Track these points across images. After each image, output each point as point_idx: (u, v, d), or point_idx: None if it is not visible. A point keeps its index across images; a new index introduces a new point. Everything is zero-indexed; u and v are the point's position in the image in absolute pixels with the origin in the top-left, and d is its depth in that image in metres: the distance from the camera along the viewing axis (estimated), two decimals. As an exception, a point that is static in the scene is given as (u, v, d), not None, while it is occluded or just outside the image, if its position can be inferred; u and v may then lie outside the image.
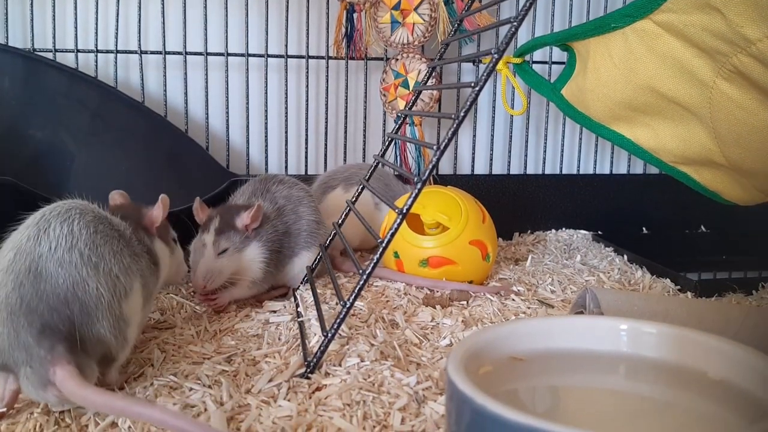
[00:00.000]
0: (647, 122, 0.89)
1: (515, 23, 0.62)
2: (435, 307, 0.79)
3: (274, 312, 0.78)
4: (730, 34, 0.70)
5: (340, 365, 0.62)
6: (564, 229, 1.25)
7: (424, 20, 1.12)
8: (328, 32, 1.18)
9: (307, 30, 1.16)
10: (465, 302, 0.82)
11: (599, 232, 1.22)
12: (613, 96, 0.89)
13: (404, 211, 0.63)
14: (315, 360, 0.61)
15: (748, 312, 0.70)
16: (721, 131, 0.80)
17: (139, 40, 1.13)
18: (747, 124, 0.77)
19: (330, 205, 1.00)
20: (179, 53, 1.14)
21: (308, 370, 0.61)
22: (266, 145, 1.18)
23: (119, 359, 0.58)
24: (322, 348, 0.61)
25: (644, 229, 1.26)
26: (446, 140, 0.64)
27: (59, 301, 0.53)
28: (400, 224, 0.63)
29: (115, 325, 0.55)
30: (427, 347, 0.68)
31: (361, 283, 0.62)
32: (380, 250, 0.63)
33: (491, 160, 1.25)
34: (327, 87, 1.18)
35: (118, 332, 0.56)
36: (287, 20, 1.15)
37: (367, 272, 0.62)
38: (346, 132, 1.20)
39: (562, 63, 0.97)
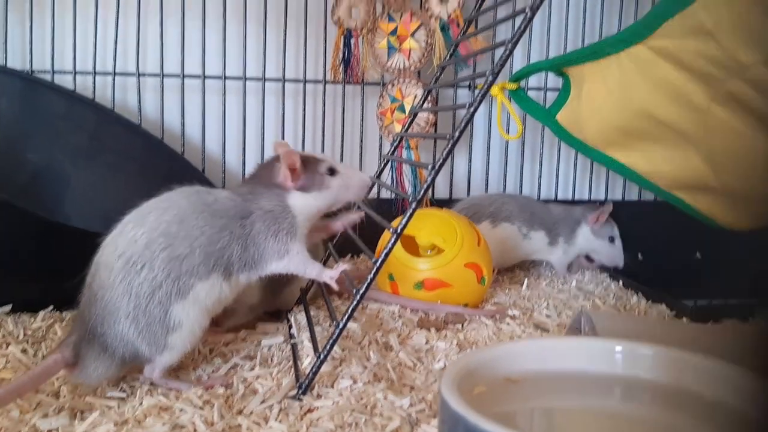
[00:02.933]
0: (642, 147, 0.89)
1: (509, 46, 0.62)
2: (430, 330, 0.79)
3: (267, 334, 0.77)
4: (724, 59, 0.71)
5: (332, 387, 0.61)
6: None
7: (420, 46, 1.13)
8: (325, 57, 1.19)
9: (305, 54, 1.17)
10: (460, 325, 0.81)
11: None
12: (608, 121, 0.90)
13: (398, 231, 0.63)
14: (307, 381, 0.60)
15: (743, 333, 0.69)
16: (715, 156, 0.81)
17: (138, 63, 1.14)
18: (741, 149, 0.78)
19: None
20: (177, 76, 1.14)
21: (300, 391, 0.60)
22: (262, 168, 1.18)
23: (155, 361, 0.61)
24: (314, 369, 0.60)
25: (639, 254, 1.25)
26: (441, 160, 0.64)
27: (91, 295, 0.60)
28: (394, 244, 0.63)
29: (143, 327, 0.59)
30: (421, 370, 0.67)
31: (355, 302, 0.61)
32: (374, 269, 0.63)
33: (487, 184, 1.26)
34: (324, 111, 1.19)
35: (150, 335, 0.60)
36: (285, 44, 1.16)
37: (361, 292, 0.62)
38: (342, 155, 1.20)
39: (557, 89, 0.97)
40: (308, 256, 0.68)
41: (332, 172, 0.70)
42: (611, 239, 1.07)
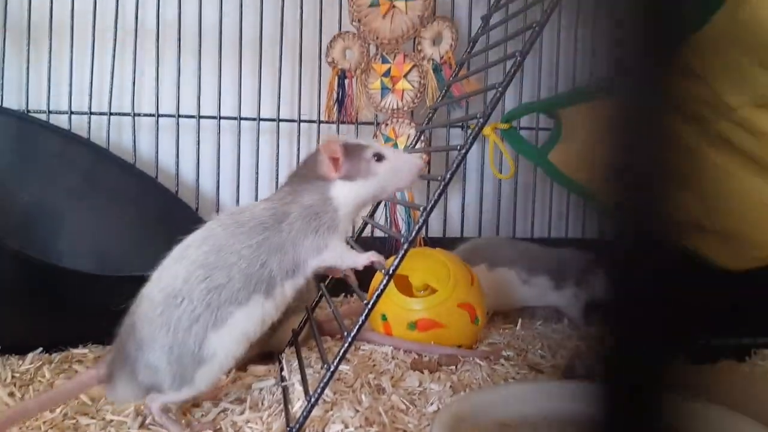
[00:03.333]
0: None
1: (500, 89, 0.63)
2: (423, 372, 0.78)
3: (258, 376, 0.76)
4: (713, 101, 0.72)
5: (323, 432, 0.60)
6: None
7: (413, 87, 1.14)
8: (320, 97, 1.20)
9: (300, 94, 1.19)
10: (454, 367, 0.80)
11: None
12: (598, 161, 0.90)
13: (390, 271, 0.63)
14: (297, 426, 0.59)
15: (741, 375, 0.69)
16: (708, 197, 0.81)
17: (133, 103, 1.14)
18: (734, 190, 0.78)
19: None
20: (172, 116, 1.15)
21: (290, 436, 0.59)
22: (256, 207, 1.18)
23: (167, 395, 0.61)
24: (304, 413, 0.59)
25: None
26: (432, 202, 0.64)
27: (132, 323, 0.62)
28: (386, 285, 0.63)
29: (175, 359, 0.60)
30: (414, 413, 0.66)
31: (346, 345, 0.61)
32: (366, 311, 0.62)
33: (480, 222, 1.26)
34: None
35: (179, 367, 0.60)
36: (280, 85, 1.17)
37: (352, 334, 0.61)
38: (336, 194, 1.20)
39: (549, 129, 0.98)
40: (345, 247, 0.65)
41: (379, 157, 0.65)
42: None
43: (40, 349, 0.79)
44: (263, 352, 0.83)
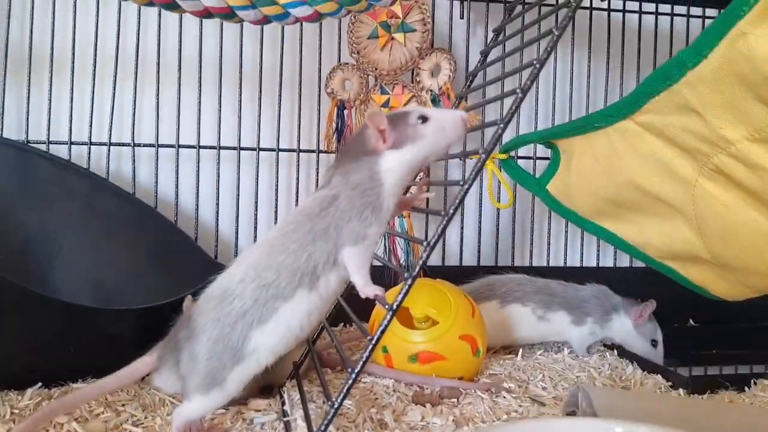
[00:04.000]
0: (632, 218, 0.90)
1: (501, 125, 0.64)
2: (425, 405, 0.77)
3: (259, 411, 0.75)
4: (710, 135, 0.73)
5: (327, 469, 0.60)
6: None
7: (412, 117, 1.15)
8: (319, 127, 1.21)
9: (299, 125, 1.19)
10: (455, 400, 0.80)
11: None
12: (597, 192, 0.91)
13: (394, 307, 0.63)
14: (301, 463, 0.59)
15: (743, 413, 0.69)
16: (705, 228, 0.82)
17: (133, 133, 1.15)
18: (731, 222, 0.79)
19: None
20: (172, 146, 1.16)
21: (294, 474, 0.58)
22: (255, 237, 1.18)
23: (193, 400, 0.63)
24: (308, 451, 0.59)
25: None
26: (435, 237, 0.64)
27: (188, 316, 0.66)
28: (390, 321, 0.63)
29: (216, 354, 0.63)
30: (418, 449, 0.66)
31: (350, 382, 0.61)
32: (370, 347, 0.62)
33: (479, 251, 1.26)
34: (317, 180, 1.20)
35: (217, 362, 0.62)
36: (279, 115, 1.18)
37: (356, 371, 0.61)
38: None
39: (547, 158, 0.99)
40: (368, 260, 0.65)
41: (424, 119, 0.65)
42: (654, 343, 1.03)
43: (39, 384, 0.79)
44: (264, 385, 0.83)
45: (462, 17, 1.25)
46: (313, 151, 1.21)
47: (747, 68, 0.65)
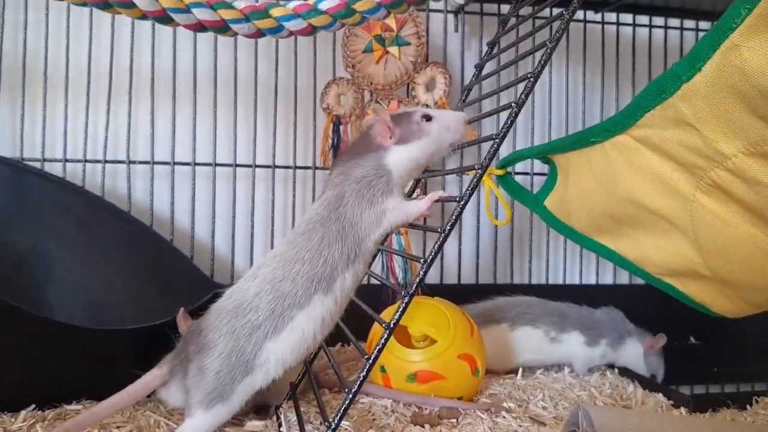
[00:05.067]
0: (630, 234, 0.89)
1: (497, 140, 0.63)
2: (424, 426, 0.76)
3: (256, 431, 0.74)
4: (706, 149, 0.72)
5: (324, 493, 0.59)
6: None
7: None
8: (315, 143, 1.20)
9: (294, 140, 1.19)
10: (455, 420, 0.79)
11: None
12: (595, 207, 0.90)
13: (391, 325, 0.62)
14: (297, 487, 0.57)
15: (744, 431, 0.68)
16: (704, 244, 0.81)
17: (128, 150, 1.14)
18: (729, 237, 0.78)
19: (485, 339, 0.94)
20: (167, 163, 1.15)
21: (290, 498, 0.57)
22: (251, 255, 1.17)
23: (191, 414, 0.64)
24: (305, 474, 0.58)
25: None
26: (432, 254, 0.64)
27: (197, 330, 0.67)
28: (387, 339, 0.62)
29: (227, 368, 0.63)
30: (416, 471, 0.65)
31: (347, 402, 0.59)
32: (367, 366, 0.61)
33: (477, 269, 1.25)
34: (314, 196, 1.19)
35: (227, 376, 0.63)
36: (275, 131, 1.18)
37: (353, 391, 0.60)
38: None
39: (544, 174, 0.99)
40: (403, 201, 0.66)
41: (428, 118, 0.69)
42: (654, 378, 1.03)
43: (33, 406, 0.77)
44: (260, 405, 0.81)
45: (456, 30, 1.25)
46: (309, 168, 1.20)
47: (740, 81, 0.64)
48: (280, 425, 0.74)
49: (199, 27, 0.77)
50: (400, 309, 0.63)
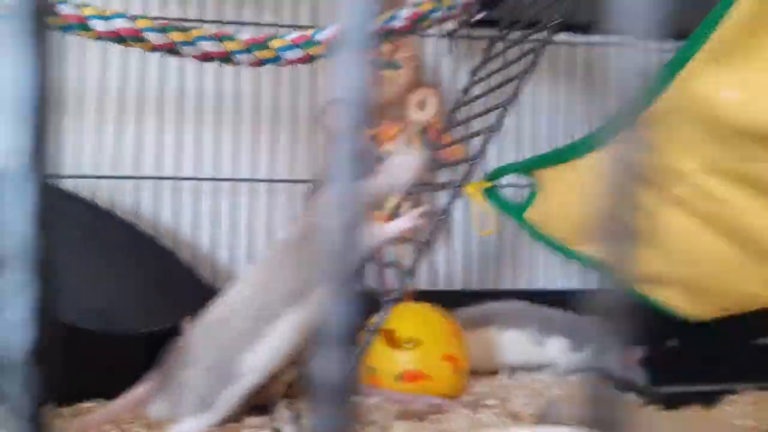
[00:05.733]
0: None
1: (472, 162, 0.70)
2: (411, 420, 0.82)
3: (253, 429, 0.80)
4: (668, 168, 0.79)
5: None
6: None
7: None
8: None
9: (294, 155, 1.26)
10: (438, 415, 0.85)
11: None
12: (573, 218, 0.97)
13: (372, 329, 0.69)
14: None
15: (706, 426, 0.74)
16: (671, 253, 0.87)
17: (134, 165, 1.22)
18: (693, 247, 0.85)
19: (475, 341, 1.01)
20: (173, 178, 1.23)
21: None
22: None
23: (185, 423, 0.68)
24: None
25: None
26: (414, 262, 0.70)
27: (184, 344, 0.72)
28: (369, 341, 0.68)
29: (204, 377, 0.69)
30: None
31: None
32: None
33: (467, 274, 1.32)
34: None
35: (202, 385, 0.69)
36: (277, 147, 1.25)
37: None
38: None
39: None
40: (378, 226, 0.74)
41: (389, 155, 0.77)
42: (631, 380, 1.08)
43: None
44: (257, 403, 0.88)
45: (451, 51, 1.32)
46: (308, 181, 1.27)
47: (696, 107, 0.71)
48: (275, 422, 0.80)
49: (207, 58, 0.85)
50: (381, 314, 0.69)
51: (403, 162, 0.75)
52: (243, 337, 0.69)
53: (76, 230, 1.16)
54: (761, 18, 0.61)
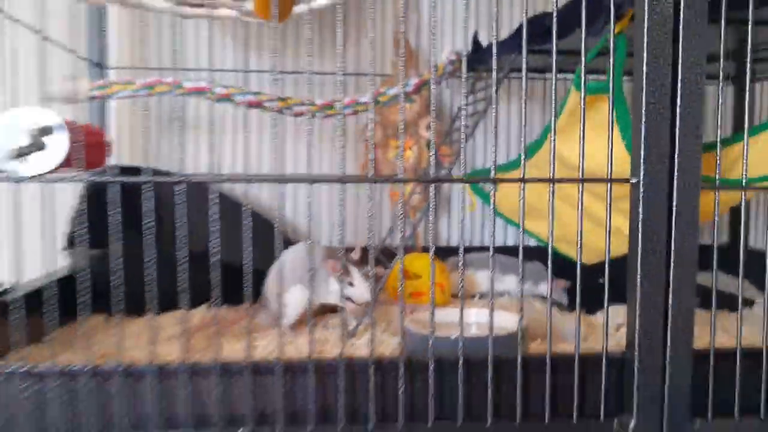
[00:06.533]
0: (536, 218, 1.57)
1: (446, 170, 1.33)
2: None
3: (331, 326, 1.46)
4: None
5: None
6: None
7: (414, 155, 1.84)
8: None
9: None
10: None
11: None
12: (514, 205, 1.58)
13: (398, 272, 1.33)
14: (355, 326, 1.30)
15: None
16: (564, 224, 1.46)
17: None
18: (572, 219, 1.44)
19: (457, 277, 1.21)
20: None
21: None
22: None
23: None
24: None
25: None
26: (395, 261, 1.34)
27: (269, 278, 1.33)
28: (378, 290, 1.32)
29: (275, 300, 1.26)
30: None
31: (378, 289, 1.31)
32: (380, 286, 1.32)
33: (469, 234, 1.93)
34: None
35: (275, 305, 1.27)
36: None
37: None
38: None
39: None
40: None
41: (350, 283, 1.23)
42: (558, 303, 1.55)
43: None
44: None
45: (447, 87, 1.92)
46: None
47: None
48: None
49: (256, 104, 1.48)
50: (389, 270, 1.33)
51: (359, 292, 1.22)
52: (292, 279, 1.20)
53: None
54: (577, 108, 1.20)
